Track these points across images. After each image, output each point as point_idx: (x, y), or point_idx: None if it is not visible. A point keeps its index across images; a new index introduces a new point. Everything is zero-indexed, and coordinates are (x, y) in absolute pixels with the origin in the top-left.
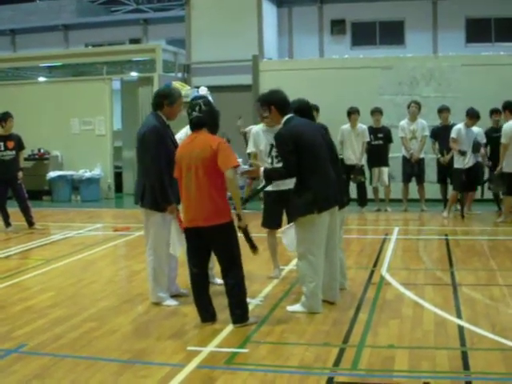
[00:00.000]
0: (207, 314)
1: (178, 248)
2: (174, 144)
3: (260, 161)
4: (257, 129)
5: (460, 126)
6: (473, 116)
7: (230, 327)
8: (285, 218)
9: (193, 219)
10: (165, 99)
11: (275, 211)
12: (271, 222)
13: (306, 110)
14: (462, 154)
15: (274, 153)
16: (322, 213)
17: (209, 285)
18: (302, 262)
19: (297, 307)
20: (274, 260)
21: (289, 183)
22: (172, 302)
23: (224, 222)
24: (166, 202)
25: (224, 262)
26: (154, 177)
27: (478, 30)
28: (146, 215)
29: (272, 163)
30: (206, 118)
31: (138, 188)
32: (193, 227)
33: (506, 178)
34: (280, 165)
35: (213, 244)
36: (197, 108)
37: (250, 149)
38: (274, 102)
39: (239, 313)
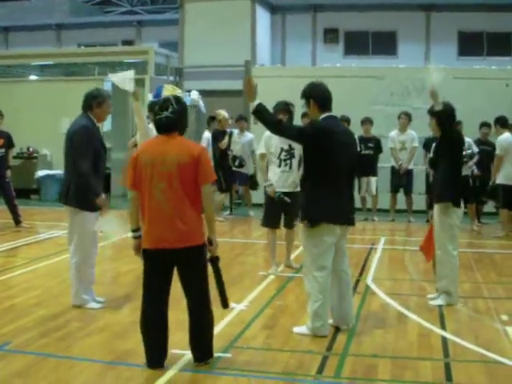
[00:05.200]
0: (152, 359)
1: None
2: (103, 145)
3: (269, 163)
4: (268, 134)
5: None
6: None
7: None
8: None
9: (160, 239)
10: (93, 100)
11: (276, 211)
12: (272, 222)
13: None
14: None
15: (282, 156)
16: (333, 226)
17: (167, 330)
18: (307, 279)
19: (303, 329)
20: (273, 257)
21: (291, 185)
22: (95, 305)
23: (200, 244)
24: (95, 194)
25: (193, 295)
26: (82, 175)
27: (470, 44)
28: (70, 214)
29: (280, 166)
30: (177, 120)
31: (62, 186)
32: (158, 249)
33: (501, 191)
34: (287, 168)
35: (183, 270)
36: (170, 108)
37: (261, 150)
38: (314, 96)
39: (205, 352)
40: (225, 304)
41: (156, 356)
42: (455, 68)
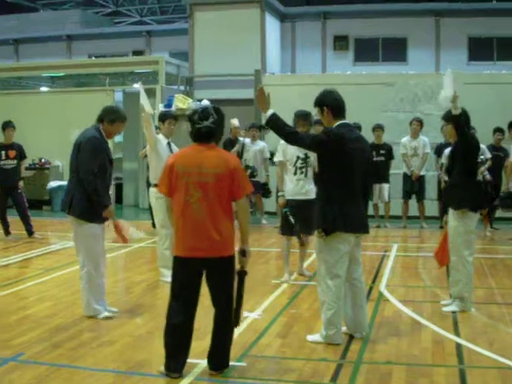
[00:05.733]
0: (176, 364)
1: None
2: (109, 158)
3: (285, 170)
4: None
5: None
6: None
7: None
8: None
9: (194, 248)
10: (107, 115)
11: (294, 220)
12: (288, 230)
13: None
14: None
15: (298, 164)
16: (348, 234)
17: (191, 339)
18: (320, 286)
19: (316, 337)
20: (286, 265)
21: (307, 193)
22: (107, 314)
23: (232, 255)
24: (103, 205)
25: (220, 303)
26: (89, 185)
27: (480, 49)
28: (73, 224)
29: (295, 173)
30: (217, 130)
31: (66, 196)
32: (191, 258)
33: None
34: (302, 176)
35: (213, 280)
36: (210, 118)
37: (278, 158)
38: (328, 103)
39: (222, 361)
40: (236, 322)
41: (177, 364)
42: (465, 73)
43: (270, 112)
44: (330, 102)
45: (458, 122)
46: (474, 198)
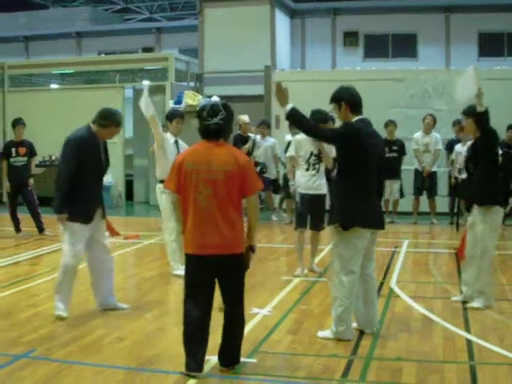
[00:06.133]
0: (195, 364)
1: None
2: (98, 160)
3: (297, 166)
4: (299, 138)
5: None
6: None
7: None
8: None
9: (204, 245)
10: (100, 119)
11: (307, 213)
12: (302, 223)
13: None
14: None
15: (312, 160)
16: (365, 230)
17: (208, 336)
18: (334, 282)
19: (327, 333)
20: (300, 259)
21: (318, 188)
22: (64, 313)
23: (242, 252)
24: (57, 210)
25: (231, 300)
26: (60, 183)
27: (491, 45)
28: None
29: (308, 169)
30: (226, 127)
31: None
32: (204, 255)
33: None
34: (315, 172)
35: (225, 277)
36: (219, 115)
37: (291, 153)
38: (346, 99)
39: (233, 357)
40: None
41: (198, 361)
42: None
43: (289, 106)
44: (348, 98)
45: (482, 118)
46: (501, 192)
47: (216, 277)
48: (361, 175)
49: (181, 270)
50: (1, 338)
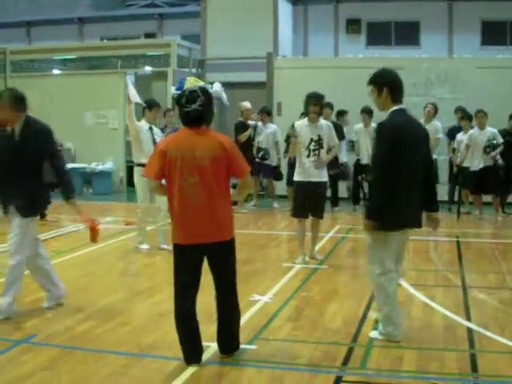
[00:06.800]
0: (192, 355)
1: None
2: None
3: (298, 152)
4: (300, 123)
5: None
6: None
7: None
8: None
9: (193, 234)
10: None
11: (305, 202)
12: (301, 212)
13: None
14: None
15: (312, 146)
16: (404, 229)
17: (199, 327)
18: (374, 283)
19: (376, 334)
20: (301, 247)
21: (319, 175)
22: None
23: (232, 238)
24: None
25: (224, 288)
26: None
27: (494, 33)
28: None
29: (308, 156)
30: (206, 113)
31: None
32: (194, 244)
33: None
34: (315, 158)
35: (216, 264)
36: (198, 101)
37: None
38: (390, 84)
39: (233, 344)
40: None
41: (196, 352)
42: (478, 57)
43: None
44: (391, 83)
45: None
46: None
47: (209, 264)
48: (404, 174)
49: (145, 245)
50: (1, 323)
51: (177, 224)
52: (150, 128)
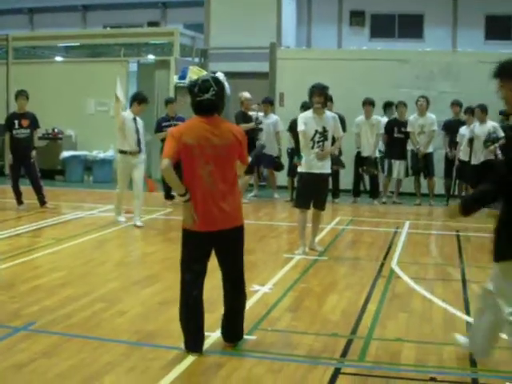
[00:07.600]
0: (195, 344)
1: None
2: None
3: (304, 143)
4: (304, 115)
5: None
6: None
7: None
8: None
9: (207, 221)
10: None
11: (307, 193)
12: (303, 203)
13: None
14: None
15: (316, 138)
16: None
17: (204, 316)
18: (504, 322)
19: (462, 339)
20: (302, 238)
21: (322, 167)
22: None
23: (242, 224)
24: None
25: (235, 274)
26: None
27: (498, 28)
28: None
29: (313, 147)
30: (219, 102)
31: None
32: (210, 231)
33: None
34: (320, 150)
35: (226, 251)
36: (211, 90)
37: (301, 127)
38: None
39: (238, 332)
40: None
41: (199, 341)
42: (482, 52)
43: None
44: None
45: None
46: None
47: (217, 251)
48: None
49: (121, 217)
50: (1, 310)
51: (195, 212)
52: (134, 118)
